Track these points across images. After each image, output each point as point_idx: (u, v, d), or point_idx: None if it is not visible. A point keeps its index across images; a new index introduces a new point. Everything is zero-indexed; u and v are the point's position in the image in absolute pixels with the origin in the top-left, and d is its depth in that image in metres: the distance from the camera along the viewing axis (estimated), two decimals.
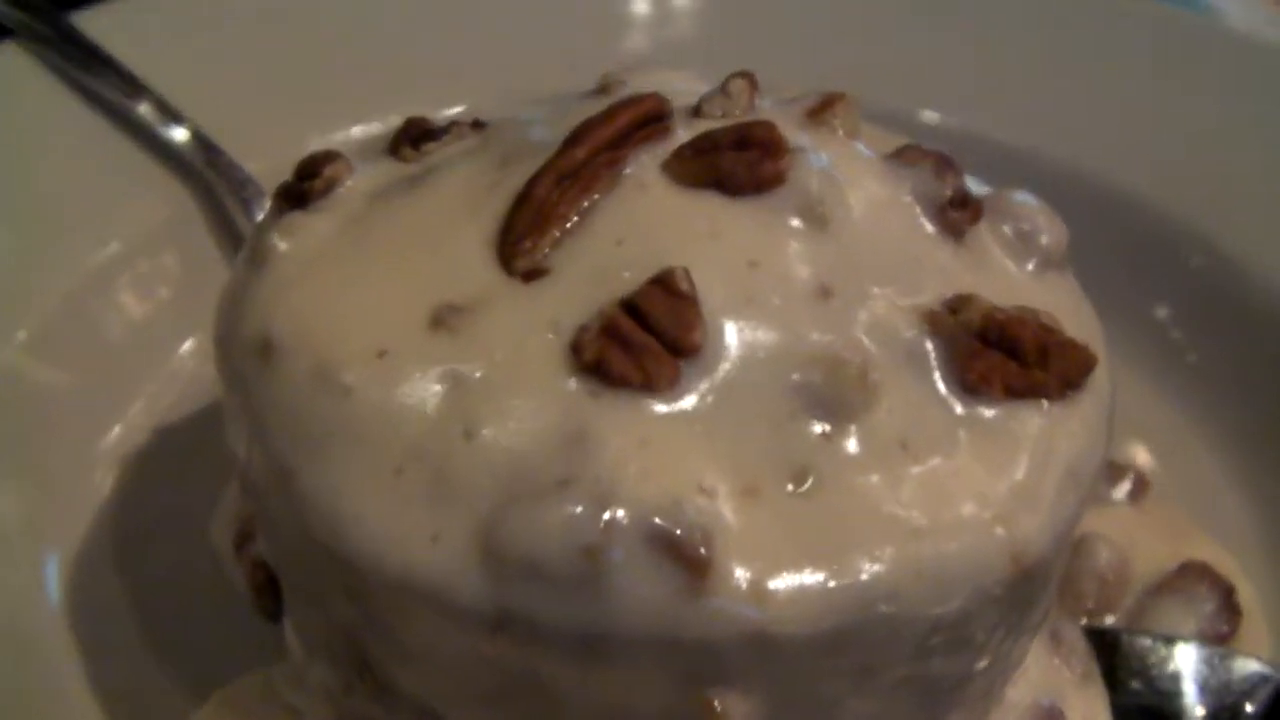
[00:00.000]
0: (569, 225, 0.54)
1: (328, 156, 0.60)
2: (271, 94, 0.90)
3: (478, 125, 0.64)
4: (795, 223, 0.54)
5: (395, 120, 0.91)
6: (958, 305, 0.55)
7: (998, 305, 0.55)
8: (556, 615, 0.47)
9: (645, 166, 0.56)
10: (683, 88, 0.67)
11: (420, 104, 0.92)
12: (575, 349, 0.50)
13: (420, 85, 0.92)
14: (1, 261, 0.78)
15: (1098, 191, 0.89)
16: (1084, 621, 0.69)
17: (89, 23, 0.90)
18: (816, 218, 0.55)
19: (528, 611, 0.47)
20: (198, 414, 0.78)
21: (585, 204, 0.54)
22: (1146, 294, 0.87)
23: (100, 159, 0.85)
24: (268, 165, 0.87)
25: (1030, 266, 0.60)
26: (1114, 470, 0.76)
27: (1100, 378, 0.56)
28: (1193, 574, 0.69)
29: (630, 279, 0.51)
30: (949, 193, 0.58)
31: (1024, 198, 0.63)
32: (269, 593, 0.63)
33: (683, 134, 0.58)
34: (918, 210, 0.58)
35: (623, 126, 0.56)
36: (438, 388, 0.50)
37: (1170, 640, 0.67)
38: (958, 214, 0.58)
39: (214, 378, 0.57)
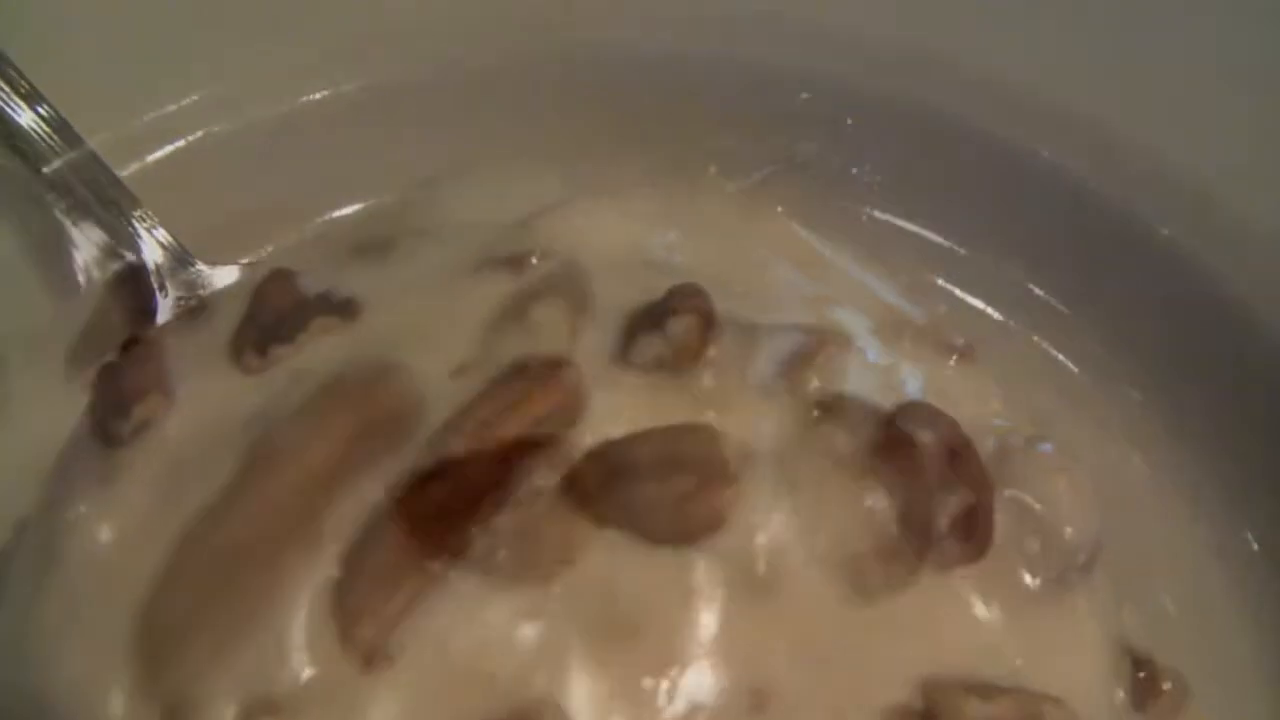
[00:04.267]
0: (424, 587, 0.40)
1: (141, 378, 0.46)
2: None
3: (348, 309, 0.48)
4: (726, 596, 0.41)
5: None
6: (934, 707, 0.42)
7: (983, 700, 0.42)
8: None
9: (534, 491, 0.41)
10: (624, 258, 0.51)
11: (322, 73, 0.73)
12: None
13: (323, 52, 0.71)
14: None
15: None
16: None
17: None
18: (758, 587, 0.41)
19: None
20: None
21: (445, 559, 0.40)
22: None
23: None
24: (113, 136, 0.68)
25: (1039, 583, 0.46)
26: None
27: None
28: None
29: (490, 699, 0.39)
30: (950, 516, 0.43)
31: (1047, 451, 0.48)
32: None
33: (597, 401, 0.43)
34: (905, 544, 0.43)
35: (505, 449, 0.40)
36: None
37: None
38: (957, 548, 0.43)
39: None
